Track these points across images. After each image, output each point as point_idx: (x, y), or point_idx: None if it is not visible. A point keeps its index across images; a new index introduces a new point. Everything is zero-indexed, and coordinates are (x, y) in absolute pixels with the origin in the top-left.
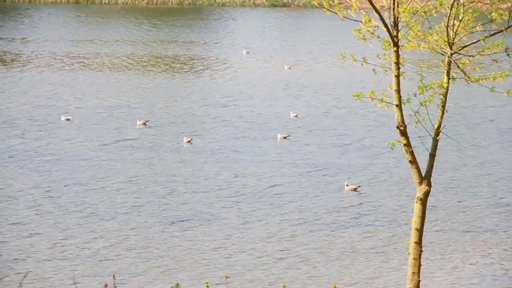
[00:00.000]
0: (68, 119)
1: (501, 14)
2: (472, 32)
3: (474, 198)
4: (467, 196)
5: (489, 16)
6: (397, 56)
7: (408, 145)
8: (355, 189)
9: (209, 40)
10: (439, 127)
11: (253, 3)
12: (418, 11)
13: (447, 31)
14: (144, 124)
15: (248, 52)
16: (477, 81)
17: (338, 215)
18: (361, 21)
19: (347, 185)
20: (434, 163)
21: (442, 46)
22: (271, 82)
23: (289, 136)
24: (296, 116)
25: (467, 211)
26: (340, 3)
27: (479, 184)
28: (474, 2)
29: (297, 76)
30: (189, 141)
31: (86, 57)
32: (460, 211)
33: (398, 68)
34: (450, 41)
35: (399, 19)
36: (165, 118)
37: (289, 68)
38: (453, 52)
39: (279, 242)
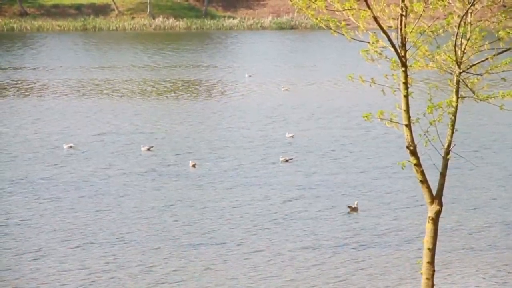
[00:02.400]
0: (70, 147)
1: (508, 33)
2: (480, 51)
3: (488, 217)
4: (481, 215)
5: (496, 35)
6: (406, 76)
7: (418, 164)
8: (354, 209)
9: (215, 64)
10: (449, 146)
11: (260, 26)
12: (425, 31)
13: (455, 50)
14: (149, 149)
15: (250, 76)
16: (486, 99)
17: (351, 237)
18: (368, 42)
19: (356, 204)
20: (445, 183)
21: (450, 65)
22: (268, 105)
23: (291, 159)
24: (292, 136)
25: (481, 231)
26: (347, 24)
27: (492, 203)
28: (481, 21)
29: (294, 98)
30: (193, 165)
31: (96, 83)
32: (474, 231)
33: (407, 88)
34: (458, 60)
35: (406, 39)
36: (168, 142)
37: (286, 90)
38: (461, 71)
39: (298, 268)
